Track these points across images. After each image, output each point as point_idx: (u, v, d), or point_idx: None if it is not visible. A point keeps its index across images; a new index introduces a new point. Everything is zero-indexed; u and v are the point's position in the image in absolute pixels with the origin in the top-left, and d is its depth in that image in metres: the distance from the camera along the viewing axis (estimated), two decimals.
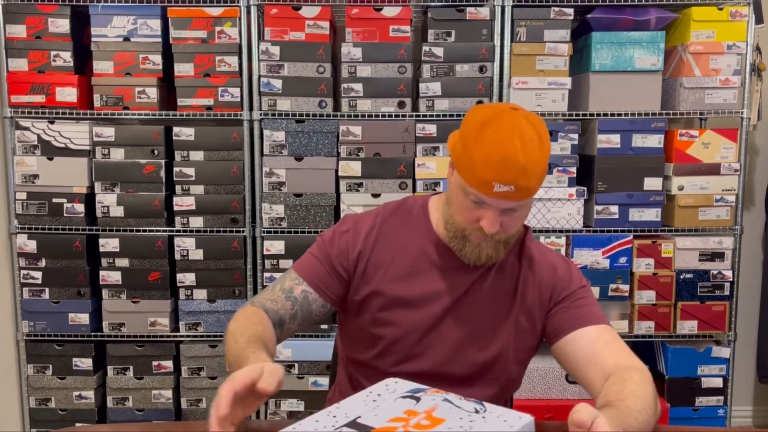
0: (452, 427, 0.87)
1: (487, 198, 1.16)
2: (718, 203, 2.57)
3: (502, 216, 1.18)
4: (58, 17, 2.55)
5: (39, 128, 2.57)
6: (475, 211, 1.19)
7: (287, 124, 2.55)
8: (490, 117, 1.16)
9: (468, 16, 2.53)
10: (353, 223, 1.35)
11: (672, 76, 2.62)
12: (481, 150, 1.14)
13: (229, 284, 2.63)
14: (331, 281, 1.32)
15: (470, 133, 1.17)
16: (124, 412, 2.68)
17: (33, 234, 2.60)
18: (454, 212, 1.23)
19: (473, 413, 0.93)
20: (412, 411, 0.92)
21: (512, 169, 1.13)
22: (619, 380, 1.12)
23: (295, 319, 1.30)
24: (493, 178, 1.13)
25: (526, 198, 1.17)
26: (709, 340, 2.68)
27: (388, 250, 1.32)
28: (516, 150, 1.13)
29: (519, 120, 1.16)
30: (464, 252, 1.25)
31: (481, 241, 1.22)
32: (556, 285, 1.31)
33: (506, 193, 1.14)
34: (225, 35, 2.55)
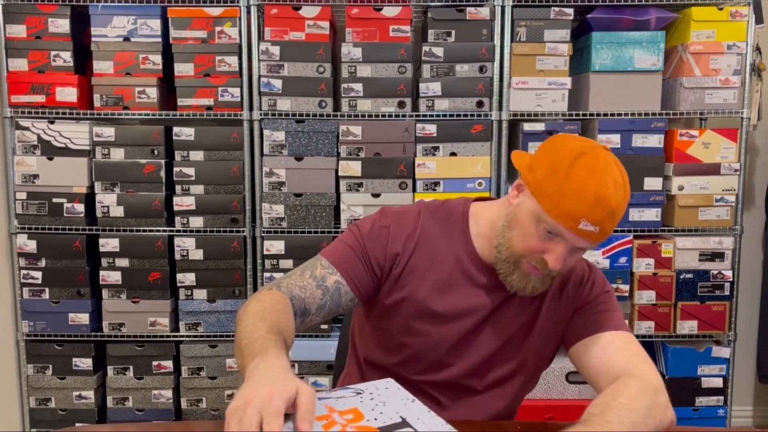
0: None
1: (569, 234, 1.12)
2: (718, 203, 2.57)
3: (568, 253, 1.15)
4: (58, 17, 2.55)
5: (39, 128, 2.57)
6: (544, 242, 1.15)
7: (287, 124, 2.55)
8: (585, 151, 1.13)
9: (468, 16, 2.53)
10: (395, 218, 1.29)
11: (672, 76, 2.62)
12: (575, 183, 1.10)
13: (229, 284, 2.63)
14: (365, 276, 1.25)
15: (561, 162, 1.12)
16: (124, 412, 2.68)
17: (33, 234, 2.60)
18: (516, 237, 1.17)
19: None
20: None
21: (603, 211, 1.10)
22: (613, 390, 1.09)
23: (321, 311, 1.22)
24: (583, 215, 1.10)
25: (602, 240, 1.14)
26: (709, 340, 2.68)
27: (426, 257, 1.27)
28: (609, 192, 1.10)
29: (611, 162, 1.14)
30: (511, 279, 1.20)
31: (533, 272, 1.18)
32: (579, 292, 1.29)
33: (590, 233, 1.11)
34: (225, 35, 2.55)
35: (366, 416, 0.91)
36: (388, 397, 0.98)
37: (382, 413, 0.93)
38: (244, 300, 2.64)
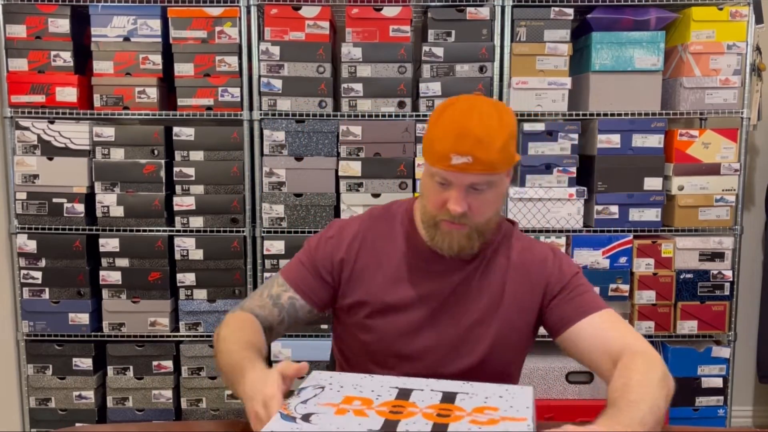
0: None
1: (447, 172, 1.16)
2: (718, 203, 2.57)
3: (469, 197, 1.18)
4: (58, 17, 2.55)
5: (39, 128, 2.57)
6: (441, 193, 1.19)
7: (287, 124, 2.55)
8: (451, 101, 1.20)
9: (468, 16, 2.53)
10: (338, 229, 1.36)
11: (672, 76, 2.62)
12: (440, 128, 1.17)
13: (229, 284, 2.63)
14: (318, 287, 1.33)
15: (431, 118, 1.21)
16: (124, 412, 2.68)
17: (33, 234, 2.60)
18: (425, 200, 1.24)
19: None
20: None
21: (468, 140, 1.14)
22: (625, 371, 1.13)
23: (282, 324, 1.33)
24: (450, 150, 1.14)
25: (488, 172, 1.16)
26: (709, 340, 2.68)
27: (372, 257, 1.32)
28: (472, 122, 1.15)
29: (479, 100, 1.20)
30: (436, 241, 1.24)
31: (452, 228, 1.21)
32: (549, 279, 1.30)
33: (464, 165, 1.14)
34: (225, 35, 2.55)
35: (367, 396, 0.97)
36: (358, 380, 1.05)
37: (373, 391, 0.98)
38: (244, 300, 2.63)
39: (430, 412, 0.89)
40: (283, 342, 2.61)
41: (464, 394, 0.96)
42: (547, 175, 2.55)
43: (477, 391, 0.97)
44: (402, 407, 0.91)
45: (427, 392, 0.97)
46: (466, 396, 0.95)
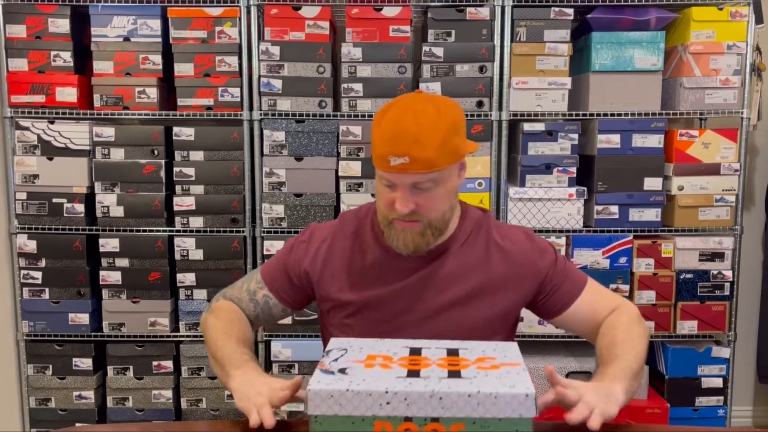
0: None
1: (387, 174, 1.19)
2: (718, 203, 2.57)
3: (415, 196, 1.20)
4: (58, 17, 2.55)
5: (39, 128, 2.57)
6: (389, 194, 1.22)
7: (287, 124, 2.55)
8: (391, 103, 1.23)
9: (468, 16, 2.53)
10: (310, 234, 1.40)
11: (672, 76, 2.62)
12: (379, 131, 1.20)
13: (229, 284, 2.62)
14: (289, 288, 1.39)
15: (374, 121, 1.23)
16: (124, 412, 2.68)
17: (33, 234, 2.60)
18: (378, 201, 1.27)
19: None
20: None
21: (404, 141, 1.15)
22: (610, 330, 1.28)
23: (258, 319, 1.41)
24: (388, 152, 1.17)
25: (427, 170, 1.17)
26: (709, 340, 2.67)
27: (342, 260, 1.35)
28: (408, 122, 1.16)
29: (417, 98, 1.22)
30: (391, 240, 1.27)
31: (404, 226, 1.23)
32: (531, 272, 1.34)
33: (402, 165, 1.16)
34: (225, 35, 2.55)
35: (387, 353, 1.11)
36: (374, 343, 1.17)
37: (389, 350, 1.11)
38: None
39: (442, 363, 1.04)
40: (284, 342, 2.61)
41: (464, 349, 1.12)
42: (547, 175, 2.55)
43: (474, 347, 1.13)
44: (417, 361, 1.05)
45: (433, 350, 1.11)
46: (466, 350, 1.11)
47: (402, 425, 0.95)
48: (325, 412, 0.97)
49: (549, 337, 2.60)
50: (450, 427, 0.94)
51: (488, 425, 0.94)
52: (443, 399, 0.94)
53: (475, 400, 0.94)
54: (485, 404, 0.94)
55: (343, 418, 0.96)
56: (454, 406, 0.94)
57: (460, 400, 0.94)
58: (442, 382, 0.96)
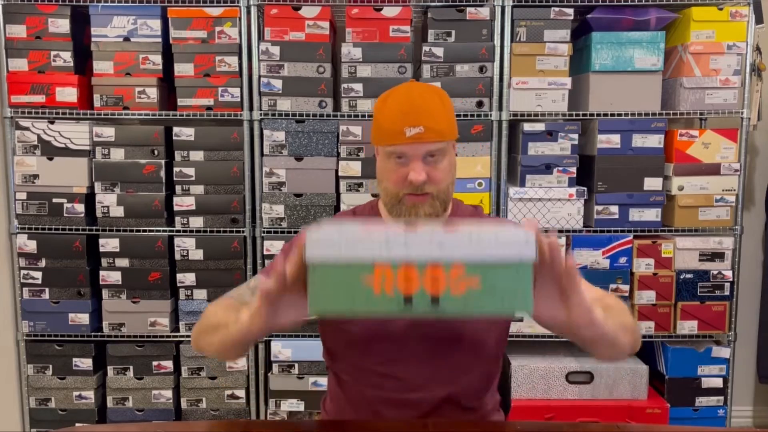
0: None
1: (403, 146, 1.26)
2: (718, 203, 2.57)
3: (427, 167, 1.27)
4: (58, 17, 2.55)
5: (39, 128, 2.57)
6: (400, 169, 1.28)
7: (287, 124, 2.55)
8: (391, 90, 1.34)
9: (468, 16, 2.53)
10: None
11: (672, 76, 2.62)
12: (387, 110, 1.29)
13: (229, 284, 2.61)
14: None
15: (376, 107, 1.34)
16: (124, 412, 2.68)
17: (33, 234, 2.60)
18: (386, 183, 1.31)
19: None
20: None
21: (416, 111, 1.25)
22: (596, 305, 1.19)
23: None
24: (402, 124, 1.25)
25: (440, 139, 1.27)
26: (709, 340, 2.68)
27: None
28: (416, 98, 1.27)
29: (416, 83, 1.34)
30: (403, 216, 1.31)
31: (415, 200, 1.28)
32: None
33: (417, 135, 1.25)
34: (225, 35, 2.55)
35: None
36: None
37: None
38: None
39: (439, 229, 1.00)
40: (284, 342, 2.61)
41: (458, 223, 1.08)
42: (547, 175, 2.55)
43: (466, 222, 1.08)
44: (414, 225, 1.02)
45: (428, 223, 1.11)
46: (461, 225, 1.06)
47: (402, 269, 0.94)
48: (323, 258, 0.95)
49: (549, 337, 2.60)
50: (450, 270, 0.94)
51: (488, 269, 0.94)
52: (443, 242, 0.94)
53: (476, 239, 0.94)
54: (485, 246, 0.94)
55: (343, 266, 0.95)
56: (454, 248, 0.94)
57: (460, 243, 0.94)
58: (441, 231, 0.96)
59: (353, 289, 0.95)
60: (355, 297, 0.95)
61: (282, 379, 2.64)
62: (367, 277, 0.95)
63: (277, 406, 2.65)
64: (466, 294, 0.95)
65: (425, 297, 0.95)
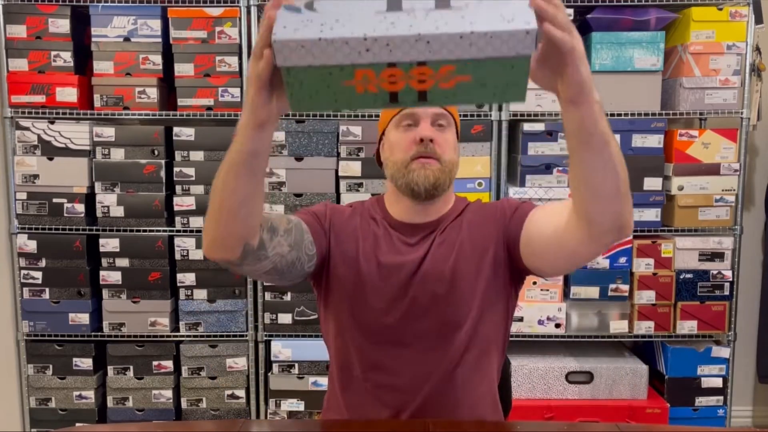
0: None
1: (415, 109, 1.30)
2: (718, 203, 2.57)
3: (435, 133, 1.31)
4: (58, 17, 2.55)
5: (39, 128, 2.57)
6: (411, 133, 1.32)
7: (287, 124, 2.55)
8: None
9: None
10: (330, 206, 1.45)
11: (672, 76, 2.63)
12: None
13: (229, 284, 2.63)
14: (319, 233, 1.36)
15: None
16: (124, 412, 2.68)
17: (33, 234, 2.60)
18: (396, 154, 1.33)
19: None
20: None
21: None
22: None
23: (288, 235, 1.27)
24: None
25: (446, 108, 1.32)
26: (708, 340, 2.68)
27: (352, 231, 1.39)
28: None
29: None
30: (413, 178, 1.31)
31: (424, 162, 1.31)
32: (501, 218, 1.36)
33: None
34: (225, 35, 2.55)
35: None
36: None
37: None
38: (244, 300, 2.64)
39: None
40: (284, 342, 2.61)
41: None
42: (547, 175, 2.56)
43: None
44: None
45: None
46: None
47: (385, 71, 0.84)
48: (297, 63, 0.85)
49: (549, 337, 2.60)
50: (439, 69, 0.84)
51: (481, 65, 0.84)
52: (431, 42, 0.82)
53: (467, 40, 0.82)
54: (479, 44, 0.83)
55: (319, 68, 0.84)
56: (443, 48, 0.83)
57: (450, 42, 0.82)
58: (429, 19, 0.83)
59: (334, 88, 0.87)
60: (337, 95, 0.88)
61: (282, 379, 2.64)
62: (347, 80, 0.86)
63: (277, 406, 2.65)
64: (456, 87, 0.87)
65: (412, 93, 0.87)
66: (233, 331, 2.65)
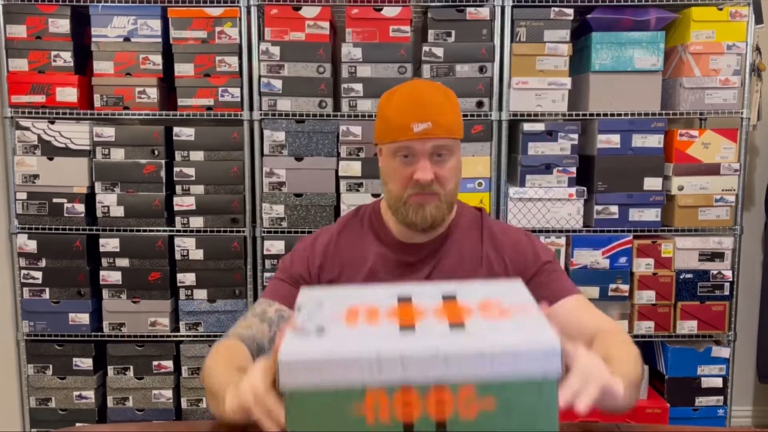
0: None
1: (411, 141, 1.22)
2: (718, 203, 2.57)
3: (434, 167, 1.24)
4: (58, 17, 2.55)
5: (39, 128, 2.57)
6: (407, 168, 1.24)
7: (287, 124, 2.55)
8: (395, 88, 1.31)
9: (468, 16, 2.53)
10: (311, 242, 1.39)
11: (672, 76, 2.63)
12: (394, 106, 1.25)
13: (230, 284, 2.63)
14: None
15: (381, 105, 1.30)
16: (124, 412, 2.68)
17: (33, 234, 2.60)
18: (391, 185, 1.28)
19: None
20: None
21: (426, 107, 1.22)
22: (603, 346, 1.13)
23: (273, 341, 1.24)
24: (410, 119, 1.22)
25: (449, 135, 1.24)
26: (709, 340, 2.68)
27: (347, 260, 1.35)
28: (424, 93, 1.25)
29: (418, 80, 1.34)
30: (409, 217, 1.27)
31: (421, 199, 1.25)
32: (524, 262, 1.32)
33: (425, 130, 1.21)
34: (225, 35, 2.55)
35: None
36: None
37: (373, 301, 0.93)
38: (244, 300, 2.64)
39: (439, 313, 0.87)
40: None
41: (463, 294, 0.94)
42: (547, 175, 2.56)
43: (473, 289, 0.95)
44: (409, 312, 0.87)
45: (426, 296, 0.93)
46: (466, 295, 0.93)
47: (399, 394, 0.77)
48: (302, 385, 0.78)
49: None
50: (458, 391, 0.77)
51: (504, 388, 0.78)
52: (449, 360, 0.77)
53: (488, 359, 0.77)
54: (501, 362, 0.77)
55: (326, 392, 0.77)
56: (462, 367, 0.77)
57: (469, 360, 0.77)
58: (445, 339, 0.79)
59: (341, 417, 0.78)
60: (344, 426, 0.78)
61: None
62: (357, 404, 0.78)
63: None
64: (479, 416, 0.78)
65: (429, 423, 0.78)
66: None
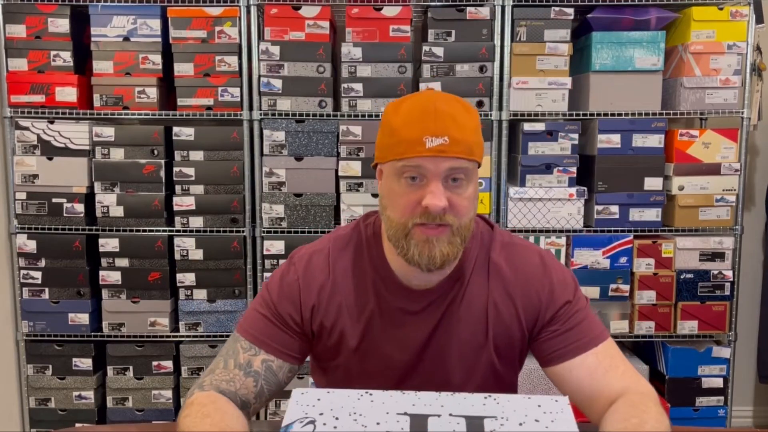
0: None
1: (422, 159, 0.99)
2: (718, 203, 2.56)
3: (448, 191, 1.01)
4: (58, 17, 2.55)
5: (39, 128, 2.57)
6: (415, 192, 1.01)
7: (287, 124, 2.55)
8: (405, 97, 1.08)
9: (468, 16, 2.53)
10: (304, 267, 1.17)
11: (672, 76, 2.62)
12: (402, 116, 1.02)
13: (229, 284, 2.63)
14: (291, 340, 1.14)
15: (385, 116, 1.07)
16: (124, 412, 2.68)
17: (33, 234, 2.59)
18: (392, 210, 1.05)
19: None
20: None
21: (441, 119, 0.99)
22: (637, 411, 0.99)
23: (261, 396, 1.11)
24: (422, 132, 0.99)
25: (467, 157, 1.01)
26: (709, 340, 2.67)
27: (346, 303, 1.15)
28: (440, 102, 1.01)
29: (433, 90, 1.12)
30: (411, 254, 1.04)
31: (429, 234, 1.02)
32: (537, 307, 1.14)
33: (441, 146, 0.98)
34: (225, 35, 2.55)
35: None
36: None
37: (378, 423, 0.80)
38: (244, 300, 2.64)
39: None
40: None
41: (492, 418, 0.78)
42: (548, 175, 2.55)
43: (505, 411, 0.80)
44: None
45: (445, 418, 0.78)
46: (495, 421, 0.78)
47: None
48: None
49: None
50: None
51: None
52: None
53: None
54: None
55: None
56: None
57: None
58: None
59: None
60: None
61: None
62: None
63: (277, 406, 2.65)
64: None
65: None
66: (233, 332, 2.64)
